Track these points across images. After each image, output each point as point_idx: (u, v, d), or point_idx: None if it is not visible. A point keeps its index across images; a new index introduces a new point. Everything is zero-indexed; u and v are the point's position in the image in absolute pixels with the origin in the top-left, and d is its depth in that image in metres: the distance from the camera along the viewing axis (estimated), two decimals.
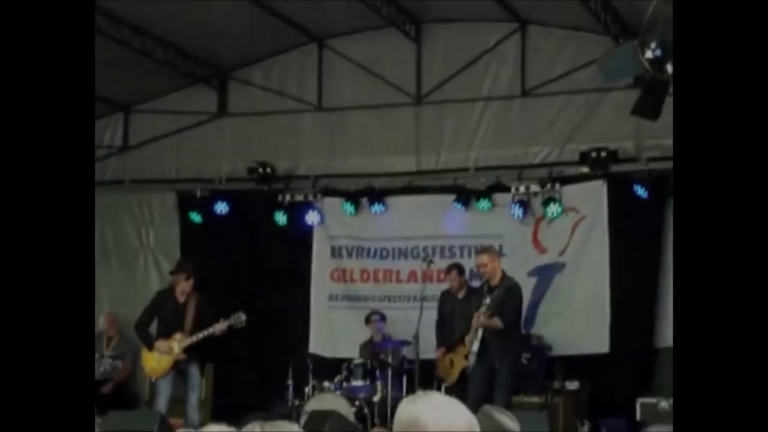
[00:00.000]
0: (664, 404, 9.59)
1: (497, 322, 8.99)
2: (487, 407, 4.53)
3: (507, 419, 4.24)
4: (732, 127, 2.43)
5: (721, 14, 2.46)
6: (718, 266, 2.38)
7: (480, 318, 9.01)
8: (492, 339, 9.02)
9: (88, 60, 2.51)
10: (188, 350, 9.55)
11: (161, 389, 9.57)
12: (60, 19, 2.44)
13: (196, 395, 9.56)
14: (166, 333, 9.67)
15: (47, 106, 2.40)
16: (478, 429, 2.12)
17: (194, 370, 9.61)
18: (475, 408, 9.63)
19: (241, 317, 9.44)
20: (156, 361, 9.61)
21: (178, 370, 9.63)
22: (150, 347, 9.62)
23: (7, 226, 2.29)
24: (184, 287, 9.70)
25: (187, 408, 9.51)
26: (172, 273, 10.02)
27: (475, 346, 9.10)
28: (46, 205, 2.33)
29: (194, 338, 9.48)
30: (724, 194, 2.41)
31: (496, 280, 9.21)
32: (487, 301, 9.10)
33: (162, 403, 9.46)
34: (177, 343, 9.53)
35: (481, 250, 9.64)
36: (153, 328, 9.86)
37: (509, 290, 9.14)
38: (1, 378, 2.12)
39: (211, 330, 9.43)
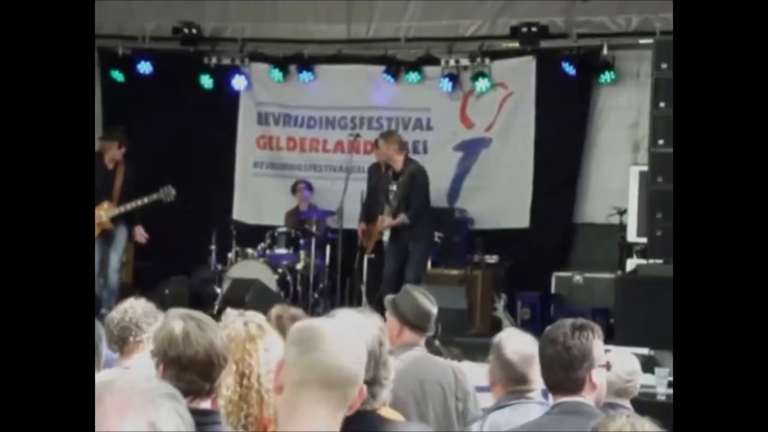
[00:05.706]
0: (578, 278, 9.88)
1: (402, 219, 9.04)
2: (409, 287, 4.70)
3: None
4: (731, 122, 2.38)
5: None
6: (719, 263, 2.36)
7: (384, 221, 9.08)
8: (403, 228, 9.10)
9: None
10: (115, 219, 9.43)
11: None
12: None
13: (117, 256, 9.48)
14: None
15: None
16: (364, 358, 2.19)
17: (120, 233, 9.46)
18: (388, 281, 9.92)
19: (171, 191, 9.23)
20: None
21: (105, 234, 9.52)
22: None
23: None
24: (114, 155, 9.47)
25: (108, 270, 9.44)
26: (102, 138, 9.73)
27: (386, 236, 9.21)
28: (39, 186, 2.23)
29: (122, 209, 9.32)
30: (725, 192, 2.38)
31: (399, 166, 9.16)
32: (394, 188, 9.09)
33: None
34: (105, 213, 9.36)
35: (380, 135, 9.64)
36: None
37: (413, 177, 9.09)
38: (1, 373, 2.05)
39: (139, 202, 9.27)
